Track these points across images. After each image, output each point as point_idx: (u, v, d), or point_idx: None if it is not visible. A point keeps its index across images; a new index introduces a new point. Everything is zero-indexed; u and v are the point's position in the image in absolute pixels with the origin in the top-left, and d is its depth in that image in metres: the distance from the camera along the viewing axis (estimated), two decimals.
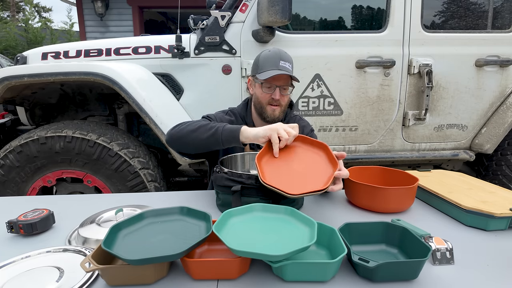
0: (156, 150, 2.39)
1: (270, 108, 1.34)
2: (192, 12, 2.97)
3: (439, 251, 0.75)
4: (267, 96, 1.33)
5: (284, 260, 0.66)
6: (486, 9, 2.21)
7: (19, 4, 14.44)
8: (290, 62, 1.33)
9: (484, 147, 2.24)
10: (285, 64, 1.30)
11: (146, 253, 0.71)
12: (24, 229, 0.89)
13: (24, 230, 0.89)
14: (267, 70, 1.28)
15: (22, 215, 0.93)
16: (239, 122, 1.41)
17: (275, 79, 1.29)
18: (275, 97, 1.31)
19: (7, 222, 0.90)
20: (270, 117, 1.35)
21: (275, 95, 1.30)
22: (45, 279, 0.68)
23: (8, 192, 1.89)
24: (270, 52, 1.33)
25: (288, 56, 1.33)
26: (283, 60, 1.30)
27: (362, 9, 2.20)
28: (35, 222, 0.90)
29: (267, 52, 1.34)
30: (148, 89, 1.93)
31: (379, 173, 1.23)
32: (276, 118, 1.35)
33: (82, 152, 1.85)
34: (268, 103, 1.34)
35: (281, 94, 1.32)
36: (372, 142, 2.24)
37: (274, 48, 1.36)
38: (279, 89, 1.30)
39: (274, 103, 1.33)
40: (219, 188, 1.06)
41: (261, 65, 1.32)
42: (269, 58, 1.31)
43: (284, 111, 1.39)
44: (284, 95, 1.33)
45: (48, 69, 1.83)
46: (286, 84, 1.32)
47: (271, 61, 1.30)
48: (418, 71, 2.11)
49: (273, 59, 1.30)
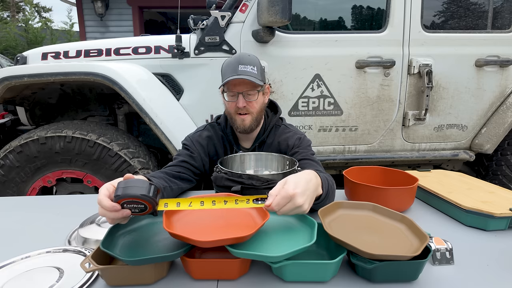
0: (156, 150, 2.39)
1: (239, 118, 1.23)
2: (192, 12, 2.97)
3: (439, 251, 0.75)
4: (232, 105, 1.22)
5: (284, 261, 0.66)
6: (486, 9, 2.21)
7: (19, 4, 14.44)
8: (252, 64, 1.19)
9: (484, 147, 2.24)
10: (245, 67, 1.17)
11: (145, 253, 0.71)
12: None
13: None
14: (226, 77, 1.18)
15: None
16: (217, 136, 1.31)
17: (234, 85, 1.19)
18: (239, 105, 1.19)
19: None
20: (239, 128, 1.24)
21: (239, 103, 1.19)
22: (45, 279, 0.68)
23: (8, 192, 1.89)
24: (231, 58, 1.22)
25: (250, 59, 1.21)
26: (243, 64, 1.17)
27: (362, 9, 2.20)
28: None
29: (229, 58, 1.24)
30: (148, 89, 1.93)
31: (379, 173, 1.23)
32: (248, 127, 1.23)
33: (82, 152, 1.85)
34: (236, 112, 1.22)
35: (247, 100, 1.20)
36: (372, 142, 2.24)
37: (237, 54, 1.25)
38: (242, 96, 1.19)
39: (241, 111, 1.21)
40: (219, 189, 1.06)
41: (223, 73, 1.23)
42: (229, 64, 1.20)
43: (257, 118, 1.25)
44: (250, 101, 1.20)
45: (48, 69, 1.83)
46: (250, 89, 1.19)
47: (230, 67, 1.19)
48: (418, 71, 2.11)
49: (232, 65, 1.19)
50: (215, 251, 0.76)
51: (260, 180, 0.98)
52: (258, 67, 1.21)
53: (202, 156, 1.27)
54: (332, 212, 0.86)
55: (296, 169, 1.07)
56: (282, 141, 1.29)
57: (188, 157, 1.24)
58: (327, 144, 2.21)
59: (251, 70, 1.18)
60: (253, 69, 1.18)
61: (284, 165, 1.18)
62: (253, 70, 1.18)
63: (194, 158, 1.25)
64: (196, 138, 1.29)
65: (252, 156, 1.24)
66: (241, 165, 1.23)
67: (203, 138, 1.29)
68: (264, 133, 1.30)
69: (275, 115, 1.35)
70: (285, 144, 1.28)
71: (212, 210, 0.84)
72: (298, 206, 0.74)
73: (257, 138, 1.31)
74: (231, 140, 1.31)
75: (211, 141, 1.30)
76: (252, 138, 1.32)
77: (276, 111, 1.37)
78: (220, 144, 1.31)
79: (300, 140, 1.28)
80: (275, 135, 1.32)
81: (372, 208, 0.87)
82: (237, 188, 0.98)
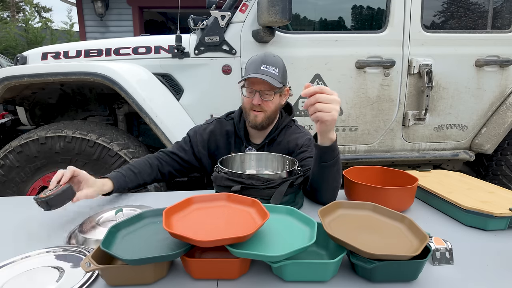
0: (156, 150, 2.38)
1: (252, 113, 1.29)
2: (192, 12, 2.97)
3: (438, 251, 0.75)
4: (248, 100, 1.29)
5: (284, 260, 0.66)
6: (486, 9, 2.21)
7: (19, 4, 14.45)
8: (275, 65, 1.25)
9: (484, 147, 2.24)
10: (268, 68, 1.23)
11: (145, 253, 0.71)
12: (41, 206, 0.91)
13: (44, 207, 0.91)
14: (248, 74, 1.24)
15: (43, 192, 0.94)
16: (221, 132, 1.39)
17: (253, 83, 1.25)
18: (254, 102, 1.26)
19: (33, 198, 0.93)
20: (251, 123, 1.31)
21: (254, 100, 1.26)
22: (45, 279, 0.68)
23: (8, 192, 1.89)
24: (256, 56, 1.29)
25: (274, 60, 1.26)
26: (266, 64, 1.23)
27: (362, 9, 2.20)
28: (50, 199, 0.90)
29: (255, 56, 1.31)
30: (148, 89, 1.93)
31: (379, 173, 1.23)
32: (259, 124, 1.30)
33: (82, 152, 1.85)
34: (251, 108, 1.29)
35: (262, 99, 1.26)
36: (372, 142, 2.24)
37: (263, 53, 1.32)
38: (258, 94, 1.26)
39: (255, 108, 1.28)
40: (219, 188, 1.06)
41: (246, 69, 1.29)
42: (254, 62, 1.27)
43: (270, 117, 1.31)
44: (266, 100, 1.27)
45: (48, 69, 1.83)
46: (267, 89, 1.25)
47: (253, 65, 1.25)
48: (418, 71, 2.11)
49: (256, 63, 1.25)
50: (215, 251, 0.75)
51: (260, 180, 0.98)
52: (280, 69, 1.26)
53: (199, 149, 1.37)
54: (332, 212, 0.86)
55: (296, 169, 1.07)
56: (292, 140, 1.34)
57: (179, 149, 1.37)
58: None
59: (272, 71, 1.23)
60: (274, 70, 1.24)
61: (284, 164, 1.19)
62: (275, 72, 1.24)
63: (186, 152, 1.37)
64: (201, 131, 1.40)
65: (253, 156, 1.25)
66: (242, 164, 1.23)
67: (206, 133, 1.38)
68: (275, 132, 1.36)
69: (288, 116, 1.41)
70: (294, 143, 1.32)
71: (212, 210, 0.84)
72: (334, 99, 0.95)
73: (268, 135, 1.37)
74: (242, 136, 1.37)
75: (213, 136, 1.38)
76: (264, 135, 1.38)
77: (291, 112, 1.43)
78: (223, 139, 1.38)
79: (310, 140, 1.32)
80: (285, 134, 1.37)
81: (372, 208, 0.87)
82: (237, 187, 0.98)
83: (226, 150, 1.38)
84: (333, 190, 1.09)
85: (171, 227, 0.72)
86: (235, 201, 0.86)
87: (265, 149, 1.36)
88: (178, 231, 0.69)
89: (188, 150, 1.38)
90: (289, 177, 1.02)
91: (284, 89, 1.33)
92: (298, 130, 1.39)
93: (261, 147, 1.36)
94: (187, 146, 1.39)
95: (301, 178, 1.07)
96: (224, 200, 0.87)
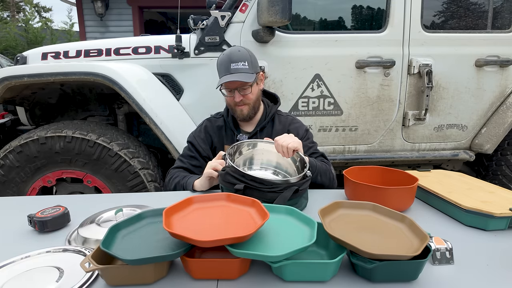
0: (156, 150, 2.39)
1: (238, 108, 1.39)
2: (192, 12, 2.97)
3: (438, 251, 0.75)
4: (231, 99, 1.38)
5: (284, 260, 0.66)
6: (486, 9, 2.21)
7: (19, 4, 14.45)
8: (243, 59, 1.31)
9: (484, 147, 2.24)
10: (237, 65, 1.30)
11: (145, 253, 0.71)
12: (38, 225, 0.92)
13: (38, 227, 0.92)
14: (221, 76, 1.33)
15: (40, 212, 0.95)
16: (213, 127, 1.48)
17: (229, 84, 1.32)
18: (236, 100, 1.35)
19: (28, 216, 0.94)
20: (240, 117, 1.42)
21: (236, 98, 1.35)
22: (45, 279, 0.68)
23: (8, 192, 1.89)
24: (223, 56, 1.35)
25: (240, 55, 1.32)
26: (234, 62, 1.30)
27: (362, 9, 2.20)
28: (46, 221, 0.92)
29: (221, 56, 1.36)
30: (148, 89, 1.93)
31: (379, 173, 1.23)
32: (246, 116, 1.40)
33: (82, 152, 1.85)
34: (235, 105, 1.38)
35: (242, 94, 1.34)
36: (372, 142, 2.24)
37: (228, 50, 1.37)
38: (237, 91, 1.34)
39: (239, 104, 1.37)
40: (223, 184, 1.06)
41: (218, 71, 1.37)
42: (222, 63, 1.33)
43: (255, 106, 1.42)
44: (245, 94, 1.35)
45: (48, 69, 1.83)
46: (243, 85, 1.33)
47: (223, 66, 1.32)
48: (418, 71, 2.11)
49: (225, 64, 1.31)
50: (215, 251, 0.76)
51: (264, 184, 0.98)
52: (249, 61, 1.33)
53: (203, 147, 1.46)
54: (332, 212, 0.86)
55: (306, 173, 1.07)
56: (292, 130, 1.44)
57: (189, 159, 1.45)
58: (327, 144, 2.21)
59: (242, 66, 1.30)
60: (244, 65, 1.30)
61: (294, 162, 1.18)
62: (244, 66, 1.30)
63: (195, 158, 1.45)
64: (197, 133, 1.50)
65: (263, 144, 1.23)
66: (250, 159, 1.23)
67: (202, 131, 1.49)
68: (265, 120, 1.46)
69: (274, 106, 1.50)
70: (295, 132, 1.38)
71: (212, 210, 0.84)
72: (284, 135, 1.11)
73: (259, 123, 1.47)
74: (232, 127, 1.47)
75: (207, 132, 1.49)
76: (254, 123, 1.48)
77: (276, 102, 1.52)
78: (216, 134, 1.49)
79: (307, 132, 1.47)
80: (280, 122, 1.48)
81: (372, 208, 0.87)
82: (240, 186, 0.98)
83: (220, 144, 1.46)
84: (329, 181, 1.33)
85: (171, 227, 0.72)
86: (235, 201, 0.86)
87: (258, 136, 1.44)
88: (178, 231, 0.69)
89: (195, 155, 1.45)
90: (295, 182, 1.01)
91: (258, 76, 1.39)
92: (296, 120, 1.50)
93: (254, 135, 1.45)
94: (193, 152, 1.45)
95: (308, 183, 1.07)
96: (224, 200, 0.87)
